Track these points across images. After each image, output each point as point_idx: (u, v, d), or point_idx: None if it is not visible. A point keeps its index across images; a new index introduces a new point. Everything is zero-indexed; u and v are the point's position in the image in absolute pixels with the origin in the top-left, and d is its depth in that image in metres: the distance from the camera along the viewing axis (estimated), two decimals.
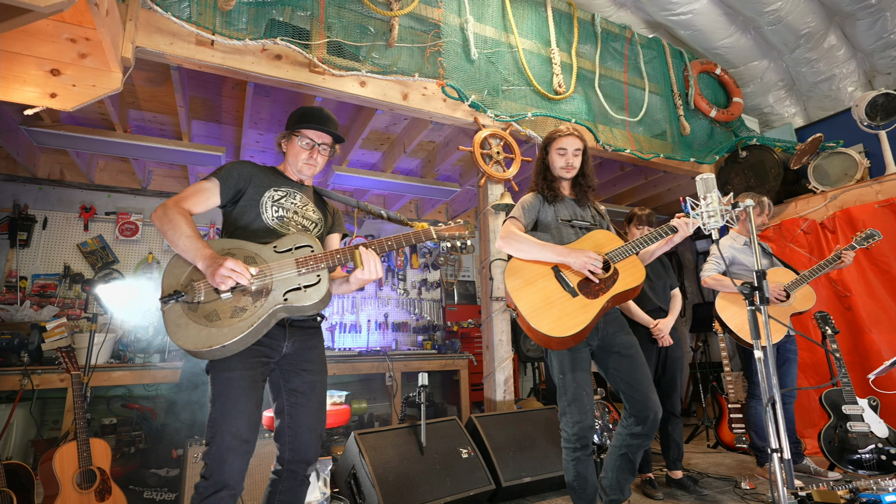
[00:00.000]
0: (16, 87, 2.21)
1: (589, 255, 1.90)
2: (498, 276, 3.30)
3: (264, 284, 1.50)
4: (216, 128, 4.16)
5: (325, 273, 1.57)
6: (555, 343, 1.89)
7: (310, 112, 1.79)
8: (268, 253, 1.57)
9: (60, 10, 1.75)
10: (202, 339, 1.38)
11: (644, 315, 2.86)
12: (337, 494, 2.50)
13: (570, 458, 1.95)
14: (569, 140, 2.13)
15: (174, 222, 1.51)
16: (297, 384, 1.63)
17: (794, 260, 3.93)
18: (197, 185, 1.66)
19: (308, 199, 1.81)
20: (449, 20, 3.31)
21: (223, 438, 1.42)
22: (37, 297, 4.04)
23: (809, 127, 4.80)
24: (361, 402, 4.39)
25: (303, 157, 1.77)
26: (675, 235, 1.98)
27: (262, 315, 1.44)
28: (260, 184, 1.72)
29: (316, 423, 1.64)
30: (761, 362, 1.50)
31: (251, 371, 1.51)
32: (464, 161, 4.72)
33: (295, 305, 1.50)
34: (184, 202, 1.60)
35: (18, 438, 3.38)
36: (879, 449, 2.77)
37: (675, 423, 2.93)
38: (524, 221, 2.09)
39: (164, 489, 2.89)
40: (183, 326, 1.40)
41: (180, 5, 2.50)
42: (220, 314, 1.43)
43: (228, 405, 1.45)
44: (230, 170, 1.70)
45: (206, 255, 1.46)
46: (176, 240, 1.50)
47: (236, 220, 1.68)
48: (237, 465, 1.42)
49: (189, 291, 1.46)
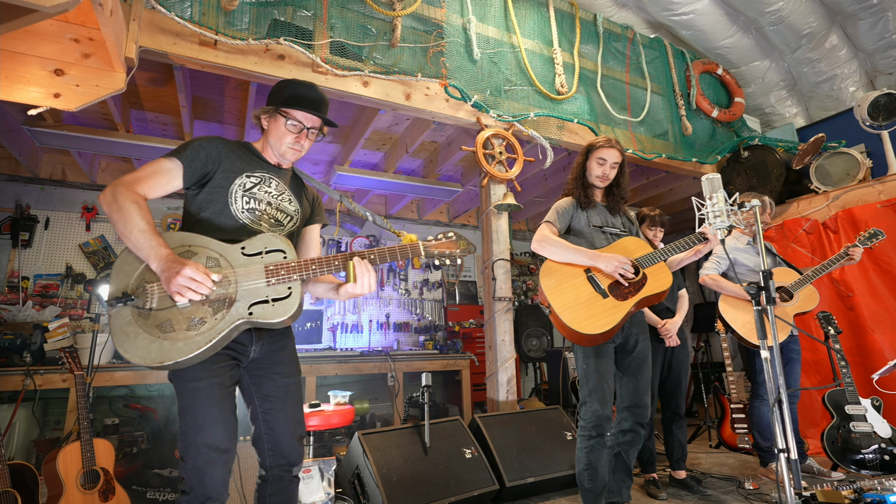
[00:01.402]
0: (20, 87, 2.21)
1: (620, 259, 2.00)
2: (500, 277, 3.30)
3: (227, 293, 1.32)
4: (218, 128, 4.16)
5: (297, 285, 1.39)
6: (584, 339, 1.99)
7: (299, 91, 1.55)
8: (234, 255, 1.38)
9: (66, 10, 1.74)
10: (153, 353, 1.22)
11: (652, 315, 2.86)
12: (341, 495, 2.50)
13: (585, 445, 2.02)
14: (609, 152, 2.20)
15: (125, 210, 1.29)
16: (270, 389, 1.50)
17: (796, 260, 3.93)
18: (156, 164, 1.42)
19: (284, 185, 1.60)
20: (451, 20, 3.31)
21: (199, 451, 1.30)
22: (39, 298, 4.03)
23: (811, 127, 4.80)
24: (363, 402, 4.39)
25: (287, 141, 1.55)
26: (703, 245, 2.06)
27: (222, 329, 1.28)
28: (231, 168, 1.50)
29: (295, 427, 1.52)
30: (768, 362, 1.50)
31: (219, 378, 1.36)
32: (465, 161, 4.72)
33: (260, 321, 1.33)
34: (138, 185, 1.36)
35: (21, 439, 3.38)
36: (882, 449, 2.77)
37: (680, 423, 2.93)
38: (559, 226, 2.18)
39: (168, 489, 2.89)
40: (131, 336, 1.23)
41: (183, 5, 2.50)
42: (174, 325, 1.26)
43: (199, 417, 1.32)
44: (197, 149, 1.46)
45: (161, 255, 1.26)
46: (127, 232, 1.28)
47: (200, 208, 1.46)
48: (218, 476, 1.32)
49: (140, 295, 1.27)
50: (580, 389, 2.10)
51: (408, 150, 4.16)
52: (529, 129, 3.51)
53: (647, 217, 2.97)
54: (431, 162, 4.73)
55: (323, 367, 3.92)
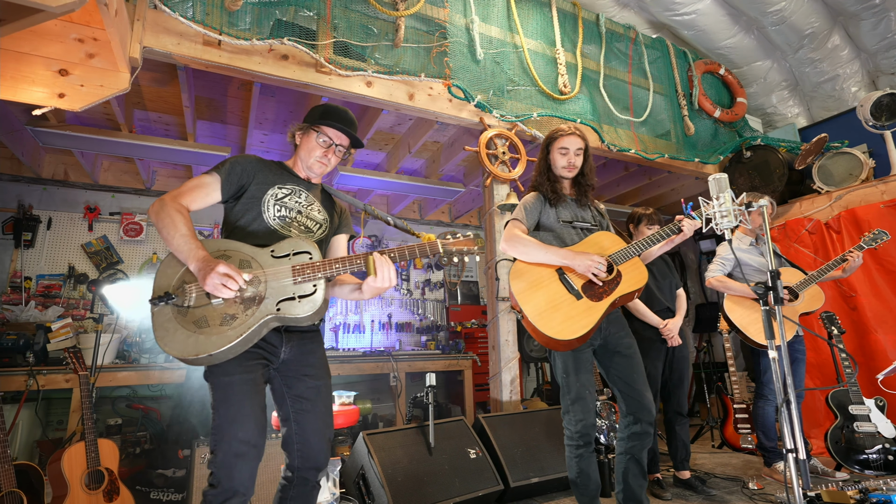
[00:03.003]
0: (24, 87, 2.21)
1: (593, 258, 1.92)
2: (504, 277, 3.30)
3: (257, 292, 1.43)
4: (221, 128, 4.16)
5: (321, 283, 1.48)
6: (560, 345, 1.91)
7: (333, 110, 1.72)
8: (264, 257, 1.49)
9: (71, 10, 1.75)
10: (189, 346, 1.32)
11: (653, 315, 2.86)
12: (345, 495, 2.49)
13: (574, 455, 1.98)
14: (571, 139, 2.13)
15: (171, 218, 1.44)
16: (302, 390, 1.57)
17: (798, 260, 3.93)
18: (197, 180, 1.57)
19: (314, 197, 1.73)
20: (455, 20, 3.31)
21: (230, 445, 1.36)
22: (41, 298, 4.03)
23: (813, 127, 4.80)
24: (366, 402, 4.39)
25: (316, 154, 1.70)
26: (677, 236, 2.00)
27: (252, 325, 1.37)
28: (264, 180, 1.64)
29: (325, 429, 1.59)
30: (776, 362, 1.49)
31: (251, 374, 1.45)
32: (468, 161, 4.72)
33: (287, 316, 1.42)
34: (182, 197, 1.52)
35: (24, 439, 3.37)
36: (886, 449, 2.77)
37: (683, 422, 2.93)
38: (527, 223, 2.09)
39: (171, 490, 2.89)
40: (171, 331, 1.34)
41: (186, 5, 2.49)
42: (209, 321, 1.36)
43: (232, 410, 1.39)
44: (234, 164, 1.62)
45: (199, 256, 1.39)
46: (170, 238, 1.42)
47: (236, 218, 1.61)
48: (247, 471, 1.37)
49: (179, 294, 1.39)
50: (562, 399, 2.02)
51: (410, 150, 4.16)
52: (532, 129, 3.51)
53: (644, 216, 2.96)
54: (434, 162, 4.72)
55: None
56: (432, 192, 4.84)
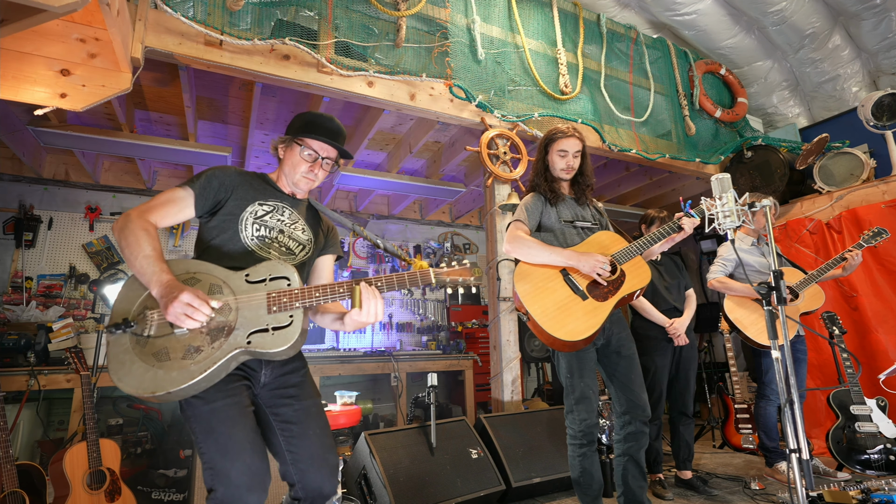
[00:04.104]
0: (26, 87, 2.21)
1: (597, 258, 1.92)
2: (505, 277, 3.30)
3: (227, 321, 1.28)
4: (222, 128, 4.16)
5: (298, 313, 1.33)
6: (567, 346, 1.91)
7: (317, 120, 1.55)
8: (237, 282, 1.34)
9: (74, 10, 1.75)
10: (146, 382, 1.18)
11: (660, 315, 2.86)
12: (347, 495, 2.49)
13: (577, 454, 1.99)
14: (569, 142, 2.13)
15: (135, 236, 1.29)
16: (288, 414, 1.42)
17: (799, 260, 3.93)
18: (169, 194, 1.42)
19: (299, 215, 1.59)
20: (456, 20, 3.31)
21: (231, 480, 1.20)
22: (42, 298, 4.03)
23: (814, 127, 4.80)
24: (367, 402, 4.39)
25: (301, 170, 1.54)
26: (677, 234, 2.01)
27: (218, 359, 1.22)
28: (244, 196, 1.49)
29: (324, 453, 1.41)
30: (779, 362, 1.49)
31: (236, 397, 1.30)
32: (469, 161, 4.72)
33: (259, 350, 1.27)
34: (150, 213, 1.36)
35: (25, 439, 3.37)
36: (888, 449, 2.77)
37: (687, 423, 2.93)
38: (529, 224, 2.09)
39: (173, 490, 2.89)
40: (126, 364, 1.20)
41: (187, 5, 2.49)
42: (170, 353, 1.22)
43: (222, 440, 1.23)
44: (210, 177, 1.47)
45: (162, 281, 1.24)
46: (133, 258, 1.27)
47: (211, 236, 1.46)
48: (255, 502, 1.22)
49: (140, 321, 1.25)
50: (565, 399, 2.03)
51: (411, 150, 4.16)
52: (534, 129, 3.51)
53: (658, 219, 2.96)
54: (435, 162, 4.72)
55: (326, 368, 3.93)
56: (433, 192, 4.85)
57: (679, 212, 2.04)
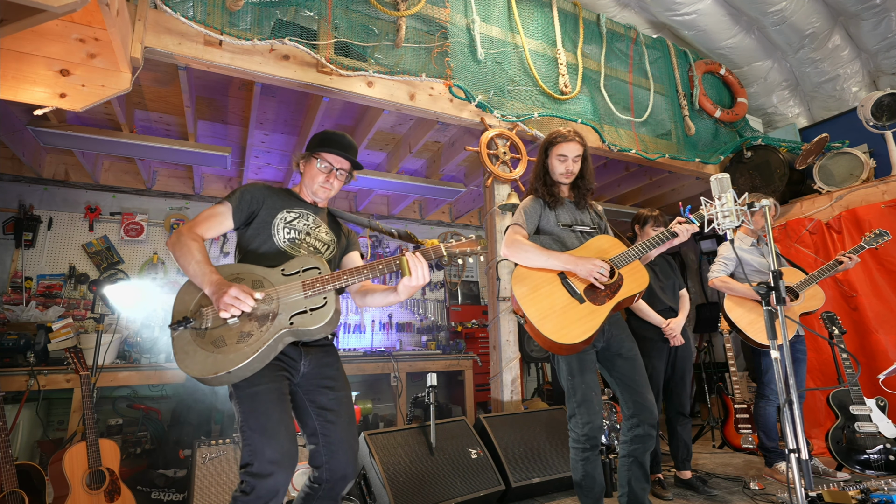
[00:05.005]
0: (26, 87, 2.20)
1: (595, 262, 1.92)
2: (505, 277, 3.30)
3: (271, 309, 1.49)
4: (222, 128, 4.16)
5: (331, 295, 1.55)
6: (564, 349, 1.92)
7: (331, 137, 1.80)
8: (275, 276, 1.56)
9: (73, 9, 1.75)
10: (208, 365, 1.37)
11: (656, 315, 2.86)
12: (347, 495, 2.49)
13: (580, 457, 1.98)
14: (570, 146, 2.12)
15: (187, 247, 1.52)
16: (325, 402, 1.62)
17: (799, 260, 3.93)
18: (210, 210, 1.67)
19: (321, 220, 1.81)
20: (456, 20, 3.31)
21: (264, 456, 1.37)
22: (42, 298, 4.03)
23: (813, 127, 4.80)
24: (366, 402, 4.39)
25: (319, 180, 1.78)
26: (674, 240, 2.02)
27: (267, 340, 1.43)
28: (273, 206, 1.72)
29: (351, 440, 1.62)
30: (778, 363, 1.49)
31: (276, 384, 1.50)
32: (469, 161, 4.72)
33: (301, 329, 1.48)
34: (196, 227, 1.61)
35: (24, 439, 3.37)
36: (888, 449, 2.77)
37: (685, 423, 2.93)
38: (527, 228, 2.09)
39: (173, 490, 2.89)
40: (190, 354, 1.40)
41: (186, 5, 2.49)
42: (226, 340, 1.43)
43: (262, 420, 1.42)
44: (243, 192, 1.71)
45: (212, 280, 1.46)
46: (186, 265, 1.51)
47: (248, 242, 1.69)
48: (283, 480, 1.39)
49: (197, 318, 1.47)
50: (567, 402, 2.03)
51: (411, 150, 4.16)
52: (533, 130, 3.51)
53: (651, 218, 2.96)
54: (434, 162, 4.72)
55: None
56: (433, 192, 4.85)
57: (678, 215, 2.04)
